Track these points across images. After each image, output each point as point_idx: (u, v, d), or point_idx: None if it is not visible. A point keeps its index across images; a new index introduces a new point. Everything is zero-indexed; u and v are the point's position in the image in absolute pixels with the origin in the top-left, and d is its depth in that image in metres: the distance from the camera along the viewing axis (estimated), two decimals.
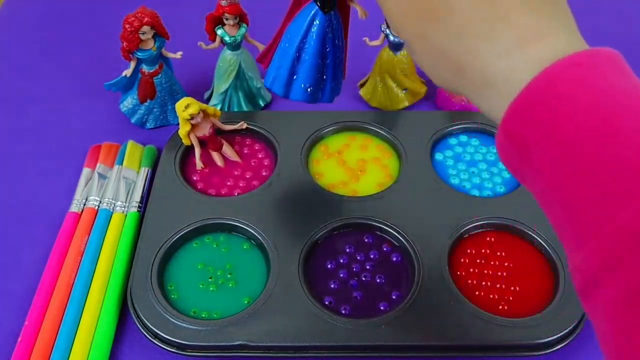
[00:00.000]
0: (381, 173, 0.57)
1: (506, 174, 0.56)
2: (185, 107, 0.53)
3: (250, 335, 0.44)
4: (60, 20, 0.79)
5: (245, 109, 0.64)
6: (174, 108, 0.55)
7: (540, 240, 0.49)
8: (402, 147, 0.57)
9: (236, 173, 0.56)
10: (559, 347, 0.44)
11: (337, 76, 0.47)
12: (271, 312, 0.45)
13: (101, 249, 0.51)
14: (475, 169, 0.57)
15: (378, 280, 0.48)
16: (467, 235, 0.51)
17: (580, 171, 0.24)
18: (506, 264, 0.49)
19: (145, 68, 0.60)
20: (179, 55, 0.61)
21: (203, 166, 0.56)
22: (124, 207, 0.54)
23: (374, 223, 0.51)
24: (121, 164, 0.57)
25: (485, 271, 0.48)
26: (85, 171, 0.57)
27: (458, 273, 0.48)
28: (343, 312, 0.46)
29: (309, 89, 0.46)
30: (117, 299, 0.47)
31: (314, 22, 0.43)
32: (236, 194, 0.54)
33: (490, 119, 0.29)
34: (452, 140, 0.59)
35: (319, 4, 0.42)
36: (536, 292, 0.47)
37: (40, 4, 0.82)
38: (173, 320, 0.44)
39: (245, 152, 0.58)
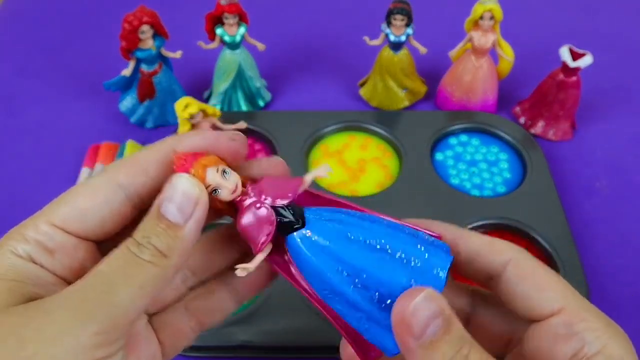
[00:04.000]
0: (381, 173, 0.56)
1: (507, 173, 0.56)
2: (185, 107, 0.53)
3: (250, 335, 0.43)
4: (59, 20, 0.79)
5: (244, 108, 0.64)
6: (174, 108, 0.55)
7: (541, 240, 0.49)
8: (402, 147, 0.57)
9: None
10: None
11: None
12: (271, 312, 0.45)
13: None
14: (476, 169, 0.57)
15: None
16: None
17: None
18: None
19: (144, 67, 0.59)
20: (178, 54, 0.61)
21: None
22: None
23: None
24: None
25: None
26: (84, 171, 0.57)
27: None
28: None
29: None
30: None
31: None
32: None
33: None
34: (453, 140, 0.59)
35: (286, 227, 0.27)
36: None
37: (40, 4, 0.82)
38: None
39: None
